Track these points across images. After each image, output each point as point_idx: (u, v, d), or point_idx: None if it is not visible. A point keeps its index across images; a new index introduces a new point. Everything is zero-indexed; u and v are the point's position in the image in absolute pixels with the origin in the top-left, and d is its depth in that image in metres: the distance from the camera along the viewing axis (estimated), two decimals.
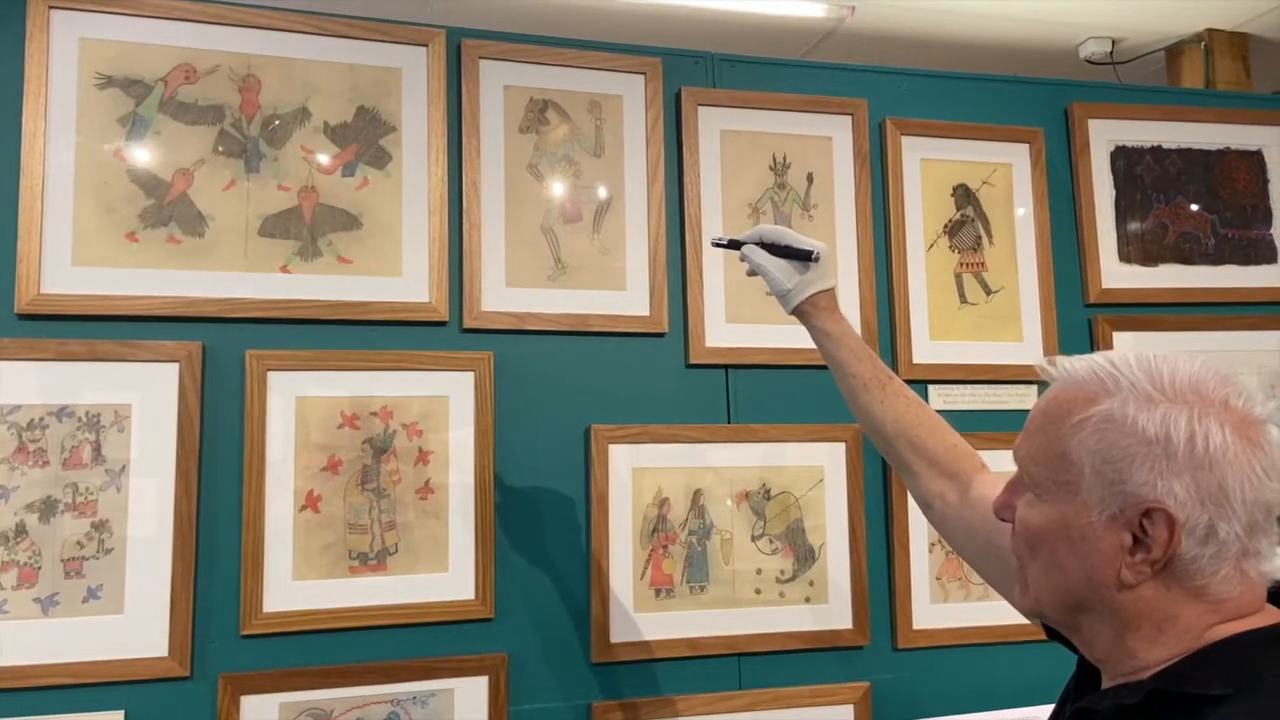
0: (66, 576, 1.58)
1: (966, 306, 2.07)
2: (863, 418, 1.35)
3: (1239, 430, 0.79)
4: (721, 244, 1.48)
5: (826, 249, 1.36)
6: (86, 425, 1.61)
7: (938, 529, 1.32)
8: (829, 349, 1.36)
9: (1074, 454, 0.83)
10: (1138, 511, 0.79)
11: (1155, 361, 0.83)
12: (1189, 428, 0.79)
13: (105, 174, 1.66)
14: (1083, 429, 0.83)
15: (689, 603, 1.84)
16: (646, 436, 1.85)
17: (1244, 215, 2.25)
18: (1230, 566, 0.79)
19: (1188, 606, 0.81)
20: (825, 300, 1.37)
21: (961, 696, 1.93)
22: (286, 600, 1.66)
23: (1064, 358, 0.89)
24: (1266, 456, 0.80)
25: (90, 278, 1.63)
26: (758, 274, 1.41)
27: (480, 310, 1.80)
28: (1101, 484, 0.81)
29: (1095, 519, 0.82)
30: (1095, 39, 2.99)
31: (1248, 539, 0.79)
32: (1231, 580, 0.80)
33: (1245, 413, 0.81)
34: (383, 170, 1.79)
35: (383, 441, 1.73)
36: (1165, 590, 0.81)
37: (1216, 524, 0.78)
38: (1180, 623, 0.81)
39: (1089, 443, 0.82)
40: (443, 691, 1.70)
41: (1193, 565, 0.79)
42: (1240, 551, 0.79)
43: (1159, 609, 0.81)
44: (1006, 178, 2.12)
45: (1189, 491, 0.78)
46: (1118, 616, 0.83)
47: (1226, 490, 0.78)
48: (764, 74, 2.04)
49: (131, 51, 1.69)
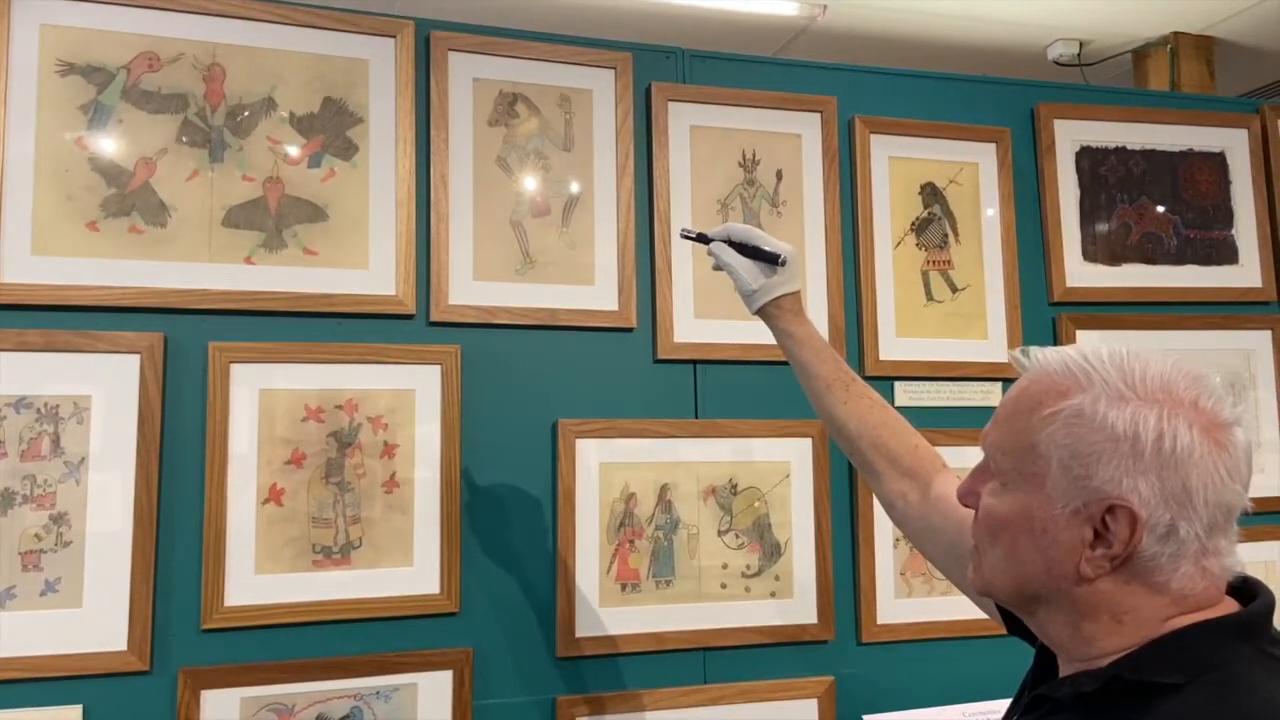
0: (24, 569, 1.56)
1: (933, 304, 2.08)
2: (826, 419, 1.36)
3: (1207, 432, 0.80)
4: (690, 236, 1.48)
5: (794, 252, 1.37)
6: (45, 417, 1.59)
7: (901, 529, 1.33)
8: (793, 350, 1.37)
9: (1042, 446, 0.84)
10: (1101, 507, 0.80)
11: (1128, 358, 0.83)
12: (1158, 427, 0.79)
13: (66, 162, 1.64)
14: (1052, 422, 0.83)
15: (655, 597, 1.85)
16: (614, 431, 1.85)
17: (1206, 216, 2.28)
18: (1190, 564, 0.80)
19: (1146, 600, 0.82)
20: (790, 303, 1.38)
21: (924, 690, 1.95)
22: (248, 594, 1.64)
23: (1037, 349, 0.89)
24: (1231, 459, 0.81)
25: (50, 267, 1.61)
26: (724, 270, 1.41)
27: (448, 304, 1.79)
28: (1067, 478, 0.82)
29: (1058, 512, 0.82)
30: (1063, 41, 3.02)
31: (1207, 539, 0.80)
32: (1191, 576, 0.81)
33: (1214, 414, 0.81)
34: (349, 162, 1.77)
35: (348, 435, 1.72)
36: (1124, 584, 0.82)
37: (1178, 523, 0.79)
38: (1139, 614, 0.82)
39: (1058, 436, 0.83)
40: (406, 686, 1.70)
41: (1151, 562, 0.80)
42: (1199, 550, 0.80)
43: (1117, 601, 0.82)
44: (973, 177, 2.14)
45: (1153, 490, 0.79)
46: (1075, 607, 0.84)
47: (1190, 491, 0.79)
48: (735, 71, 2.04)
49: (93, 38, 1.67)
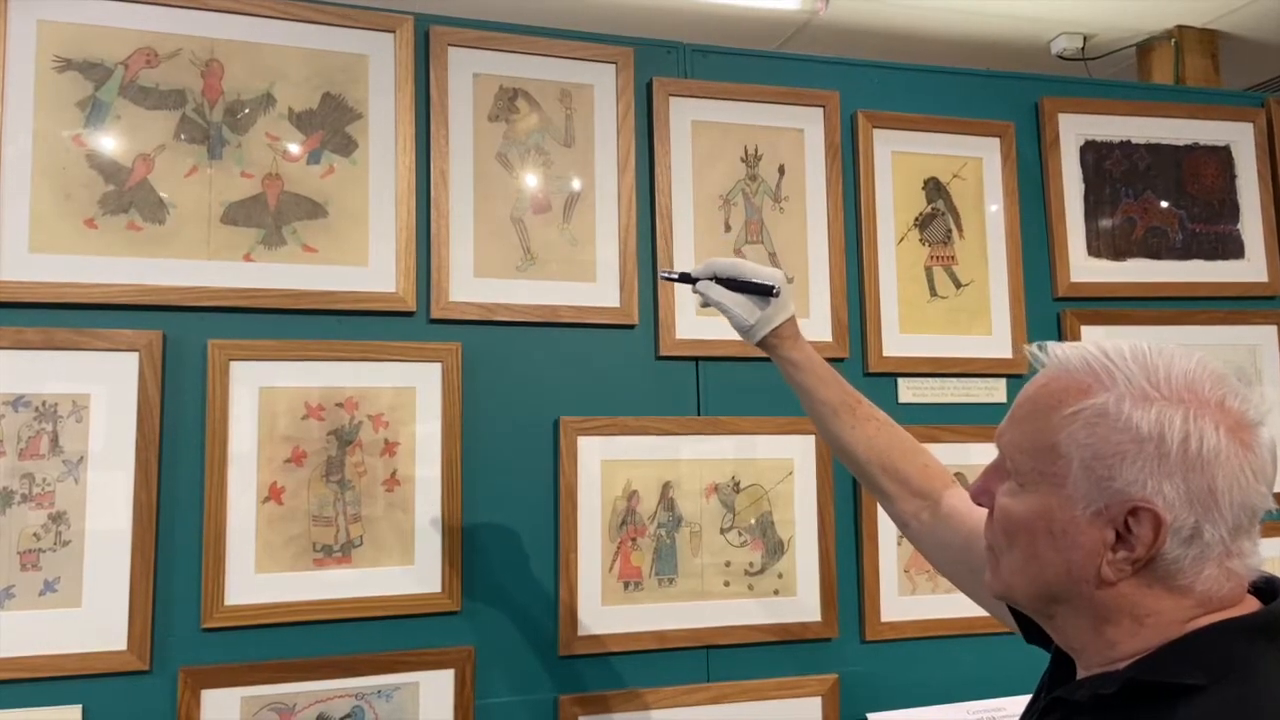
0: (23, 569, 1.55)
1: (936, 299, 2.07)
2: (834, 444, 1.34)
3: (1233, 432, 0.78)
4: (671, 277, 1.42)
5: (785, 279, 1.33)
6: (44, 415, 1.58)
7: (915, 545, 1.31)
8: (796, 377, 1.34)
9: (1063, 446, 0.81)
10: (1124, 509, 0.78)
11: (1150, 355, 0.81)
12: (1184, 428, 0.77)
13: (63, 159, 1.63)
14: (1074, 421, 0.81)
15: (657, 595, 1.84)
16: (616, 429, 1.84)
17: (1211, 210, 2.27)
18: (1214, 566, 0.79)
19: (1168, 602, 0.80)
20: (788, 329, 1.34)
21: (929, 689, 1.94)
22: (249, 593, 1.63)
23: (1055, 344, 0.87)
24: (1257, 459, 0.79)
25: (48, 265, 1.60)
26: (713, 308, 1.35)
27: (448, 301, 1.78)
28: (1089, 479, 0.79)
29: (1079, 514, 0.80)
30: (1067, 35, 3.00)
31: (1231, 541, 0.78)
32: (1215, 579, 0.79)
33: (1240, 414, 0.79)
34: (349, 158, 1.76)
35: (348, 433, 1.71)
36: (1146, 588, 0.80)
37: (1203, 526, 0.77)
38: (1160, 616, 0.80)
39: (1080, 436, 0.80)
40: (407, 685, 1.69)
41: (1174, 565, 0.78)
42: (1224, 553, 0.79)
43: (1138, 604, 0.80)
44: (977, 171, 2.12)
45: (1179, 492, 0.77)
46: (1095, 611, 0.82)
47: (1216, 493, 0.77)
48: (736, 65, 2.03)
49: (91, 34, 1.66)
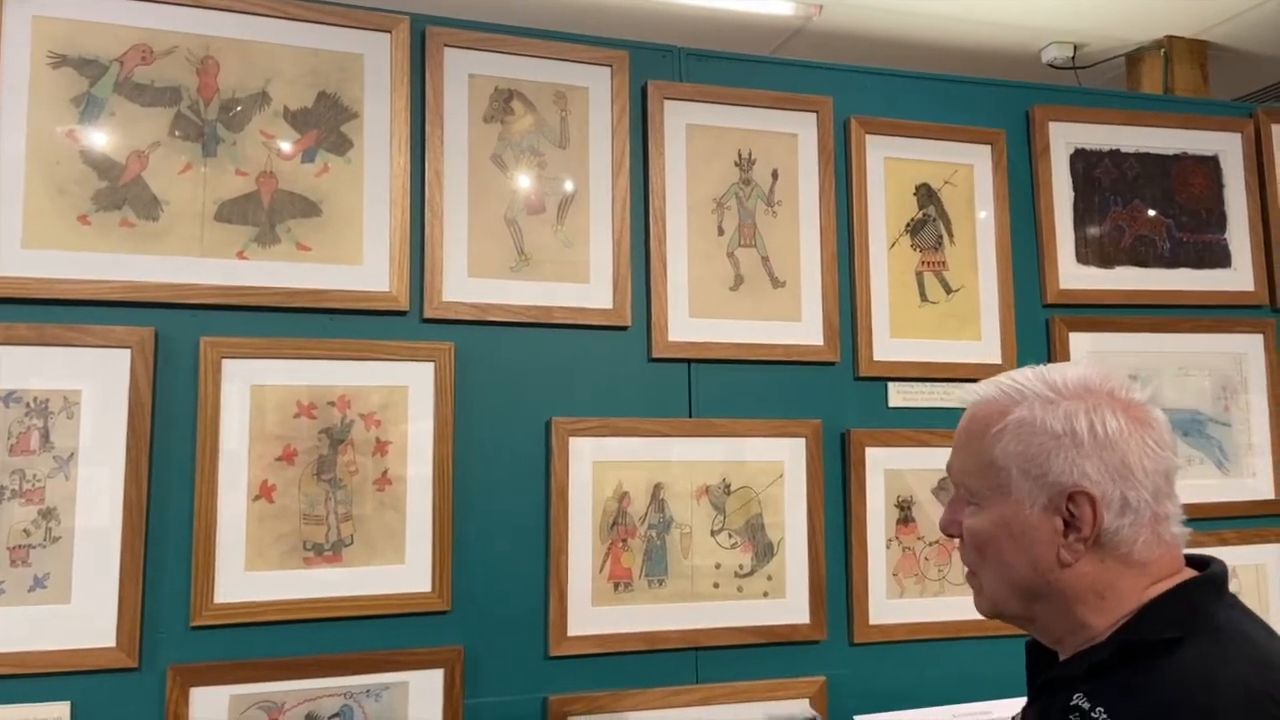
0: (12, 565, 1.54)
1: (927, 305, 2.08)
2: None
3: (1128, 414, 0.96)
4: None
5: None
6: (34, 411, 1.58)
7: None
8: None
9: (1000, 459, 0.97)
10: (1063, 497, 0.94)
11: (1048, 370, 1.00)
12: (1088, 418, 0.94)
13: (57, 155, 1.62)
14: (1002, 436, 0.98)
15: (647, 596, 1.84)
16: (607, 430, 1.84)
17: (1199, 219, 2.29)
18: (1148, 532, 0.94)
19: (1122, 574, 0.95)
20: None
21: (916, 691, 1.95)
22: (238, 591, 1.63)
23: (975, 384, 1.05)
24: (1155, 431, 0.96)
25: (40, 261, 1.60)
26: None
27: (441, 300, 1.78)
28: (1028, 480, 0.96)
29: (1029, 513, 0.96)
30: (1057, 44, 3.03)
31: (1155, 504, 0.94)
32: (1150, 545, 0.94)
33: (1129, 399, 0.97)
34: (343, 157, 1.76)
35: (340, 432, 1.71)
36: (1100, 562, 0.95)
37: (1128, 495, 0.93)
38: (1118, 589, 0.95)
39: (1010, 447, 0.97)
40: (397, 684, 1.69)
41: (1116, 536, 0.93)
42: (1152, 517, 0.94)
43: (1098, 579, 0.95)
44: (968, 178, 2.14)
45: (1100, 471, 0.93)
46: (1064, 595, 0.96)
47: (1130, 465, 0.93)
48: (731, 69, 2.04)
49: (86, 30, 1.66)
